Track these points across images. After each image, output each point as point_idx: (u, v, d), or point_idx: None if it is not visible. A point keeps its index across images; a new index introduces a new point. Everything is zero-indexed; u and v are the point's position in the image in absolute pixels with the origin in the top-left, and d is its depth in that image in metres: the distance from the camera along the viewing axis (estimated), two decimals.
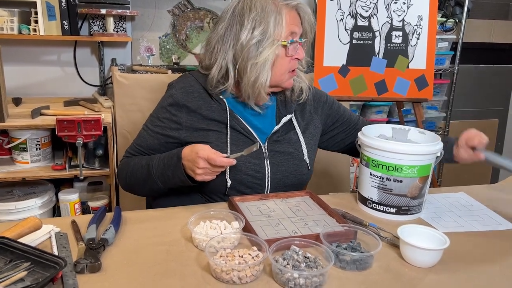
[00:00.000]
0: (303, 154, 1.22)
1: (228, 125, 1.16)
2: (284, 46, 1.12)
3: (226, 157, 1.02)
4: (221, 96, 1.18)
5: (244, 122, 1.18)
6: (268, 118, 1.23)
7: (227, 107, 1.17)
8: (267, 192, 1.18)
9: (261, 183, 1.17)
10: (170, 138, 1.17)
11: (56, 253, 0.84)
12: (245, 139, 1.16)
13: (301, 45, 1.16)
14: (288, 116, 1.22)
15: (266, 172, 1.17)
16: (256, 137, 1.18)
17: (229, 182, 1.13)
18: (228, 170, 1.12)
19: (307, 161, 1.23)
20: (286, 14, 1.11)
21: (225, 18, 1.15)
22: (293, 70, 1.18)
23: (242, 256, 0.82)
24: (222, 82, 1.16)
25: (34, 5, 1.94)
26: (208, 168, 1.02)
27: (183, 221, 0.99)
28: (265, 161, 1.17)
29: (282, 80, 1.17)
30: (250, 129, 1.18)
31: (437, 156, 1.07)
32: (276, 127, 1.20)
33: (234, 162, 1.03)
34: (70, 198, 1.92)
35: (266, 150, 1.18)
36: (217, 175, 1.06)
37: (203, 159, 1.00)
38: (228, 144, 1.14)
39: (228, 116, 1.16)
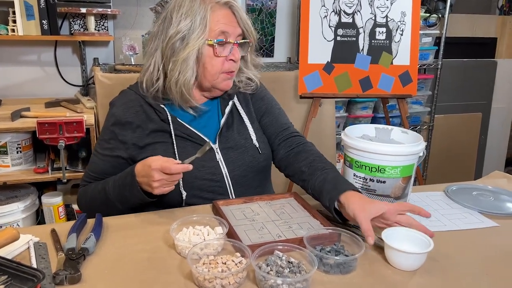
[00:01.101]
0: (252, 139, 1.19)
1: (173, 134, 1.12)
2: (211, 46, 1.09)
3: (180, 163, 0.97)
4: (161, 105, 1.15)
5: (189, 126, 1.15)
6: (213, 115, 1.20)
7: (168, 114, 1.14)
8: (231, 191, 1.15)
9: (221, 184, 1.14)
10: (121, 158, 1.13)
11: (34, 264, 0.82)
12: (193, 144, 1.13)
13: (236, 46, 1.12)
14: (231, 103, 1.20)
15: (223, 172, 1.14)
16: (205, 138, 1.14)
17: (184, 194, 1.10)
18: (181, 181, 1.09)
19: (257, 145, 1.19)
20: (215, 12, 1.08)
21: (160, 16, 1.13)
22: (230, 72, 1.14)
23: (225, 263, 0.81)
24: (153, 84, 1.13)
25: (11, 4, 1.90)
26: (164, 179, 0.97)
27: (165, 227, 0.98)
28: (220, 161, 1.14)
29: (215, 81, 1.13)
30: (196, 132, 1.14)
31: (420, 156, 1.07)
32: (223, 120, 1.17)
33: (190, 167, 0.97)
34: (53, 201, 1.89)
35: (218, 149, 1.16)
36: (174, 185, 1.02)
37: (157, 170, 0.95)
38: (176, 154, 1.11)
39: (171, 124, 1.13)
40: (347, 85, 2.12)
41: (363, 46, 2.11)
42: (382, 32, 2.12)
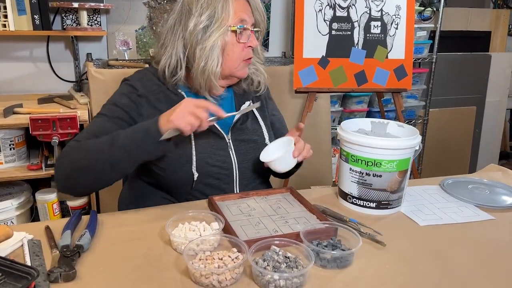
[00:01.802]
0: (264, 138, 1.22)
1: None
2: (234, 32, 1.12)
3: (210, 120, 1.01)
4: (179, 90, 1.16)
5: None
6: (227, 109, 1.20)
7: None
8: (236, 183, 1.17)
9: (229, 174, 1.15)
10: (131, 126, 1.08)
11: (28, 262, 0.81)
12: (208, 133, 1.11)
13: (253, 33, 1.15)
14: (247, 103, 1.22)
15: (233, 162, 1.16)
16: (219, 128, 1.16)
17: (195, 175, 1.10)
18: (194, 162, 1.10)
19: (268, 144, 1.21)
20: (234, 1, 1.11)
21: (175, 10, 1.15)
22: (247, 59, 1.17)
23: (221, 259, 0.81)
24: (174, 73, 1.15)
25: None
26: (192, 108, 0.96)
27: (161, 223, 0.97)
28: (231, 152, 1.16)
29: (235, 68, 1.15)
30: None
31: (416, 150, 1.07)
32: (237, 116, 1.18)
33: (224, 114, 1.02)
34: (47, 198, 1.88)
35: (230, 140, 1.17)
36: (183, 170, 1.06)
37: (189, 101, 0.99)
38: (192, 138, 1.11)
39: None
40: (342, 80, 2.11)
41: (358, 40, 2.10)
42: (377, 26, 2.11)
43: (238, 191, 1.17)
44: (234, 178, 1.16)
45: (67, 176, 1.03)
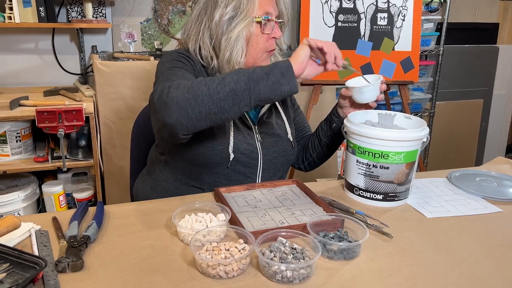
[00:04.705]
0: (287, 133, 1.25)
1: None
2: (259, 23, 1.14)
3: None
4: (217, 74, 1.19)
5: None
6: None
7: None
8: (259, 173, 1.20)
9: (255, 163, 1.18)
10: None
11: (36, 252, 0.82)
12: (239, 121, 1.17)
13: (277, 24, 1.17)
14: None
15: (259, 153, 1.19)
16: (248, 119, 1.19)
17: (232, 156, 1.13)
18: (231, 144, 1.13)
19: (291, 139, 1.25)
20: None
21: (200, 1, 1.17)
22: (270, 51, 1.19)
23: (228, 250, 0.81)
24: (210, 63, 1.17)
25: None
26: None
27: (168, 214, 0.97)
28: (257, 143, 1.19)
29: (258, 58, 1.17)
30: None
31: (423, 142, 1.06)
32: (263, 110, 1.22)
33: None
34: (54, 190, 1.89)
35: (258, 132, 1.20)
36: (221, 148, 1.11)
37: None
38: (231, 124, 1.14)
39: None
40: (348, 72, 2.09)
41: (365, 32, 2.09)
42: (384, 17, 2.09)
43: (260, 182, 1.20)
44: (259, 168, 1.19)
45: (181, 106, 0.92)
